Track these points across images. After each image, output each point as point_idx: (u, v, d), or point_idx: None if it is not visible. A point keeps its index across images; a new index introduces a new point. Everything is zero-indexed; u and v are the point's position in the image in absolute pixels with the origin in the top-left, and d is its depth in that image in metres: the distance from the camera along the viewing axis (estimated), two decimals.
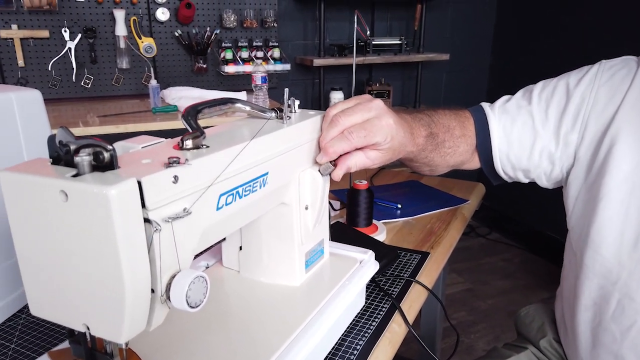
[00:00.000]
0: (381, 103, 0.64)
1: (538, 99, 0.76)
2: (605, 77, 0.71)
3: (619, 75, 0.70)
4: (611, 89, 0.70)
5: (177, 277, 0.40)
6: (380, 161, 0.65)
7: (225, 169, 0.45)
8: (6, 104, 0.67)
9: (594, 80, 0.71)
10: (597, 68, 0.73)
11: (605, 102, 0.69)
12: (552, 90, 0.75)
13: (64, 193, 0.36)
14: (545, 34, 2.82)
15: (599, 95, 0.70)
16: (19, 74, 2.08)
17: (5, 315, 0.67)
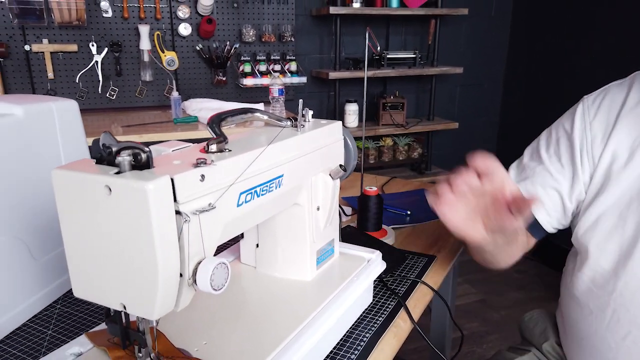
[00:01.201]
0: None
1: (548, 155, 0.81)
2: (592, 112, 0.77)
3: (605, 105, 0.76)
4: (602, 120, 0.75)
5: (203, 263, 0.45)
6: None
7: (246, 170, 0.51)
8: (48, 113, 0.74)
9: (584, 118, 0.77)
10: (582, 107, 0.78)
11: (602, 134, 0.75)
12: (556, 142, 0.81)
13: (108, 187, 0.42)
14: (559, 47, 2.85)
15: (595, 130, 0.76)
16: (49, 85, 2.19)
17: (42, 305, 0.74)
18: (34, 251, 0.72)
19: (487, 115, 3.26)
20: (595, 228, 0.74)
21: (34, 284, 0.73)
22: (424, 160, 2.90)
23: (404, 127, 2.68)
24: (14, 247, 0.69)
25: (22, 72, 2.14)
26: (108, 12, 2.16)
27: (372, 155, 2.79)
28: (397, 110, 2.69)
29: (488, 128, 3.31)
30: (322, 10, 2.45)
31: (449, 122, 2.83)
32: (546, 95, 2.96)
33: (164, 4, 2.25)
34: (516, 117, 3.18)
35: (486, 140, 3.34)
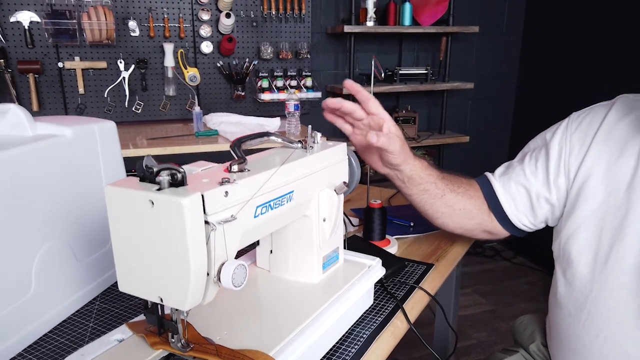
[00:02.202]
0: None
1: (529, 157, 0.91)
2: (574, 126, 0.85)
3: (586, 121, 0.84)
4: (582, 134, 0.84)
5: (226, 264, 0.55)
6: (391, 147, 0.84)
7: (262, 187, 0.61)
8: (91, 133, 0.85)
9: (566, 130, 0.86)
10: (567, 121, 0.87)
11: (579, 146, 0.84)
12: (539, 148, 0.91)
13: (151, 201, 0.52)
14: (570, 63, 2.91)
15: (573, 142, 0.84)
16: (79, 100, 2.33)
17: (84, 301, 0.84)
18: (78, 254, 0.83)
19: (499, 129, 3.32)
20: (576, 236, 0.82)
21: (77, 282, 0.83)
22: None
23: (415, 141, 2.76)
24: (62, 250, 0.80)
25: (55, 87, 2.29)
26: (135, 31, 2.30)
27: None
28: (408, 124, 2.78)
29: (499, 142, 3.37)
30: (337, 29, 2.56)
31: (460, 136, 2.91)
32: (557, 110, 3.02)
33: (188, 23, 2.39)
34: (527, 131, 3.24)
35: (497, 153, 3.41)
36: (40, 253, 0.75)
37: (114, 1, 2.25)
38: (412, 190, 0.92)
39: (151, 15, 2.31)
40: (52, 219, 0.78)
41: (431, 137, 2.84)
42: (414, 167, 0.89)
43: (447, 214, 0.94)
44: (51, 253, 0.77)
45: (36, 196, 0.75)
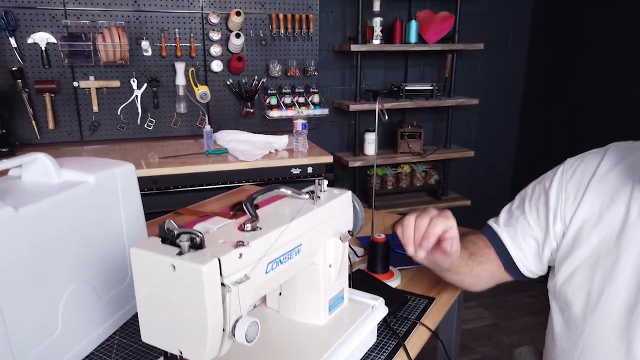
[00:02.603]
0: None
1: (529, 206, 0.95)
2: (569, 174, 0.90)
3: (580, 169, 0.89)
4: (576, 182, 0.89)
5: (240, 321, 0.60)
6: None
7: (272, 245, 0.66)
8: (112, 177, 0.91)
9: (561, 179, 0.91)
10: (562, 168, 0.92)
11: (574, 195, 0.89)
12: (538, 196, 0.95)
13: (172, 266, 0.58)
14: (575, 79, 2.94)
15: (569, 191, 0.89)
16: (93, 117, 2.40)
17: (104, 336, 0.90)
18: (99, 291, 0.89)
19: (504, 144, 3.36)
20: (571, 279, 0.87)
21: (99, 318, 0.89)
22: (440, 186, 3.02)
23: (421, 156, 2.81)
24: (85, 290, 0.86)
25: (71, 106, 2.35)
26: (148, 51, 2.36)
27: (390, 182, 2.92)
28: (414, 139, 2.82)
29: (504, 156, 3.41)
30: (344, 47, 2.61)
31: (465, 150, 2.94)
32: (562, 125, 3.05)
33: (199, 43, 2.45)
34: (532, 146, 3.28)
35: (502, 167, 3.44)
36: (66, 295, 0.81)
37: (127, 22, 2.32)
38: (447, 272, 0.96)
39: (163, 35, 2.38)
40: (77, 262, 0.84)
41: (437, 152, 2.88)
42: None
43: (474, 283, 0.99)
44: (75, 294, 0.83)
45: (63, 243, 0.80)
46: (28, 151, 2.26)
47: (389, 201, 2.91)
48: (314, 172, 2.23)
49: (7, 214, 0.70)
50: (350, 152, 2.86)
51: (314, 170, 2.23)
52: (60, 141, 2.38)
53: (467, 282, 0.99)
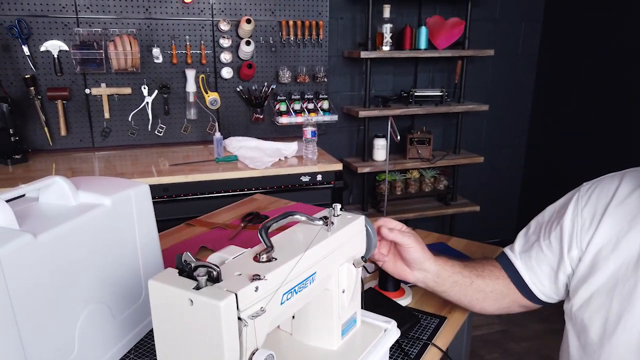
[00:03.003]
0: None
1: (543, 232, 0.96)
2: (584, 200, 0.90)
3: (595, 194, 0.89)
4: (592, 208, 0.89)
5: (256, 355, 0.61)
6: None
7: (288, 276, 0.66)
8: (127, 199, 0.92)
9: (577, 205, 0.91)
10: (578, 194, 0.92)
11: (590, 220, 0.89)
12: (552, 223, 0.95)
13: (190, 300, 0.58)
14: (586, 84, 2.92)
15: (584, 216, 0.89)
16: (104, 124, 2.42)
17: (119, 355, 0.91)
18: (114, 311, 0.90)
19: (513, 150, 3.35)
20: (588, 304, 0.87)
21: (114, 338, 0.90)
22: (449, 192, 3.02)
23: (430, 161, 2.80)
24: (100, 311, 0.87)
25: (82, 113, 2.38)
26: (159, 58, 2.38)
27: (399, 187, 2.92)
28: (423, 145, 2.82)
29: (514, 162, 3.39)
30: (354, 54, 2.61)
31: (474, 156, 2.94)
32: (572, 130, 3.03)
33: (209, 50, 2.46)
34: (542, 152, 3.26)
35: (511, 173, 3.43)
36: (83, 316, 0.82)
37: (138, 30, 2.33)
38: (445, 285, 0.98)
39: (174, 42, 2.39)
40: (93, 284, 0.85)
41: (446, 158, 2.88)
42: (437, 261, 0.97)
43: (481, 299, 0.99)
44: (92, 315, 0.84)
45: (80, 266, 0.81)
46: (41, 158, 2.31)
47: (398, 206, 2.91)
48: (323, 180, 2.24)
49: (27, 242, 0.71)
50: (359, 158, 2.87)
51: (323, 177, 2.24)
52: (72, 147, 2.41)
53: (469, 297, 0.99)
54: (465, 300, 1.01)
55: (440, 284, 0.98)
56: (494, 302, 1.01)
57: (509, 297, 1.00)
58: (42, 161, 2.26)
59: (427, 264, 0.96)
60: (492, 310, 1.02)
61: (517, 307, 1.02)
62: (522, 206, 3.49)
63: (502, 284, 0.99)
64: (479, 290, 0.99)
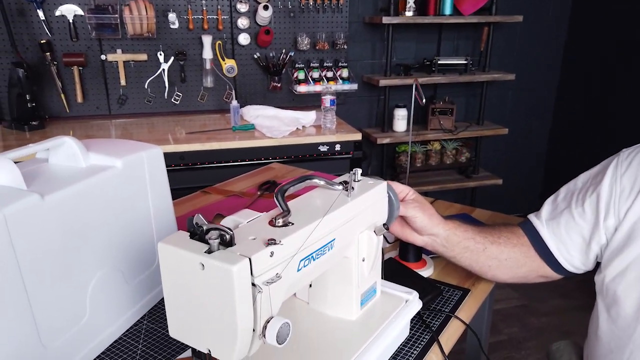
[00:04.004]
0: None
1: (576, 199, 0.89)
2: (624, 166, 0.83)
3: (636, 161, 0.82)
4: (632, 175, 0.82)
5: (271, 322, 0.58)
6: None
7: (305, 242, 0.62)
8: (140, 161, 0.89)
9: (616, 171, 0.84)
10: (617, 160, 0.85)
11: (630, 187, 0.82)
12: (586, 189, 0.88)
13: (202, 264, 0.55)
14: (618, 54, 2.78)
15: (624, 183, 0.83)
16: (121, 91, 2.39)
17: (132, 321, 0.89)
18: (127, 276, 0.88)
19: (539, 121, 3.23)
20: (623, 275, 0.82)
21: (127, 303, 0.88)
22: (471, 164, 2.94)
23: (452, 133, 2.72)
24: (113, 276, 0.85)
25: (98, 79, 2.35)
26: (175, 24, 2.32)
27: (420, 159, 2.86)
28: (446, 115, 2.73)
29: (539, 134, 3.28)
30: (375, 19, 2.51)
31: (498, 127, 2.84)
32: (602, 102, 2.91)
33: (226, 15, 2.39)
34: (569, 124, 3.14)
35: (536, 146, 3.32)
36: (94, 281, 0.80)
37: None
38: (455, 250, 0.93)
39: (190, 7, 2.33)
40: (105, 248, 0.82)
41: (469, 129, 2.79)
42: (447, 226, 0.92)
43: (494, 267, 0.94)
44: (103, 279, 0.82)
45: (90, 229, 0.79)
46: (58, 124, 2.29)
47: (417, 179, 2.85)
48: (342, 150, 2.19)
49: (34, 202, 0.68)
50: (378, 129, 2.80)
51: (342, 147, 2.18)
52: (89, 114, 2.39)
53: (481, 264, 0.94)
54: (476, 267, 0.96)
55: (450, 249, 0.94)
56: (508, 271, 0.95)
57: (527, 266, 0.94)
58: (59, 128, 2.25)
59: (435, 229, 0.91)
60: (505, 279, 0.97)
61: (534, 277, 0.97)
62: (546, 181, 3.39)
63: (520, 252, 0.94)
64: (492, 258, 0.94)
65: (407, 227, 0.93)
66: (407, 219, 0.90)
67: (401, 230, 0.95)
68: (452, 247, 0.93)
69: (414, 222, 0.90)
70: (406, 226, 0.93)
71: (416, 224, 0.90)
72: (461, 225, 0.93)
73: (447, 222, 0.92)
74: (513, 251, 0.93)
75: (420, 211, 0.89)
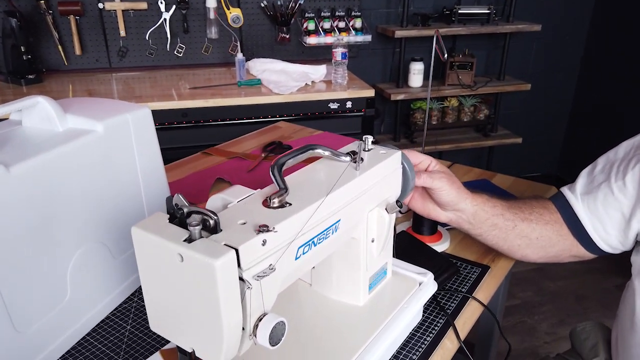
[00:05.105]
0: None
1: (617, 171, 0.78)
2: None
3: None
4: None
5: (263, 321, 0.50)
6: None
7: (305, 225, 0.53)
8: (124, 124, 0.79)
9: None
10: None
11: None
12: (629, 160, 0.77)
13: (180, 255, 0.46)
14: None
15: None
16: (121, 42, 2.26)
17: (121, 298, 0.83)
18: (114, 251, 0.80)
19: (564, 77, 3.04)
20: None
21: (115, 280, 0.81)
22: (490, 122, 2.80)
23: (471, 89, 2.57)
24: (98, 250, 0.77)
25: (97, 30, 2.22)
26: None
27: (435, 117, 2.72)
28: (465, 70, 2.57)
29: (564, 90, 3.10)
30: None
31: (520, 83, 2.68)
32: (633, 60, 2.70)
33: None
34: (596, 81, 2.95)
35: (560, 103, 3.15)
36: (75, 257, 0.73)
37: None
38: (482, 228, 0.84)
39: None
40: (87, 221, 0.74)
41: (489, 84, 2.63)
42: (475, 201, 0.81)
43: (524, 246, 0.84)
44: (86, 255, 0.74)
45: (69, 200, 0.70)
46: (56, 78, 2.19)
47: (433, 137, 2.72)
48: (353, 107, 2.06)
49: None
50: (393, 84, 2.65)
51: (353, 105, 2.06)
52: (89, 68, 2.28)
53: (509, 242, 0.85)
54: (504, 246, 0.87)
55: (477, 226, 0.84)
56: (539, 250, 0.86)
57: (559, 245, 0.85)
58: (57, 82, 2.15)
59: (462, 204, 0.81)
60: (535, 259, 0.88)
61: (566, 257, 0.87)
62: (568, 140, 3.23)
63: (553, 229, 0.84)
64: (523, 236, 0.84)
65: (429, 201, 0.82)
66: (433, 191, 0.79)
67: (422, 205, 0.84)
68: (479, 224, 0.83)
69: (439, 196, 0.79)
70: (428, 200, 0.82)
71: (442, 197, 0.79)
72: (490, 200, 0.83)
73: (474, 196, 0.82)
74: (545, 229, 0.83)
75: (447, 183, 0.78)
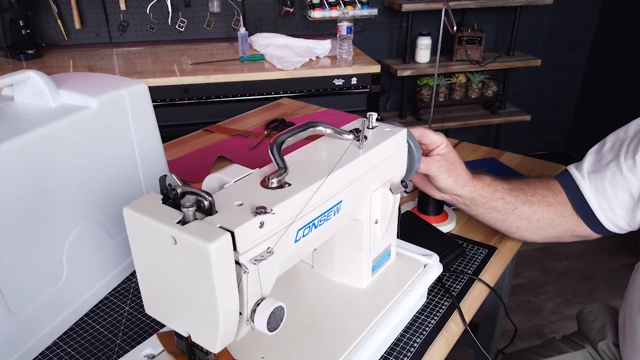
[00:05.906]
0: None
1: (626, 150, 0.75)
2: None
3: None
4: None
5: (261, 306, 0.48)
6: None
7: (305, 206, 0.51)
8: (120, 100, 0.76)
9: None
10: None
11: None
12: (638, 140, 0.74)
13: (173, 238, 0.44)
14: None
15: None
16: (121, 16, 2.22)
17: (120, 278, 0.81)
18: (111, 231, 0.78)
19: (576, 52, 2.96)
20: None
21: (112, 260, 0.80)
22: (498, 99, 2.75)
23: (479, 64, 2.51)
24: (95, 230, 0.75)
25: (97, 3, 2.18)
26: None
27: (442, 93, 2.67)
28: (473, 45, 2.51)
29: (575, 66, 3.02)
30: None
31: (530, 58, 2.61)
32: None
33: None
34: (607, 58, 2.87)
35: (570, 80, 3.08)
36: (71, 237, 0.71)
37: None
38: (478, 210, 0.82)
39: None
40: (82, 200, 0.72)
41: (497, 60, 2.57)
42: (474, 187, 0.79)
43: (523, 228, 0.82)
44: (83, 235, 0.73)
45: (62, 178, 0.68)
46: (56, 53, 2.15)
47: (439, 114, 2.67)
48: (359, 84, 2.02)
49: None
50: (399, 60, 2.59)
51: (359, 81, 2.01)
52: (89, 42, 2.24)
53: (508, 224, 0.83)
54: (502, 227, 0.85)
55: (473, 208, 0.82)
56: (539, 232, 0.84)
57: (562, 225, 0.83)
58: (57, 57, 2.11)
59: (459, 191, 0.80)
60: (534, 239, 0.86)
61: (568, 237, 0.85)
62: (577, 117, 3.17)
63: (555, 211, 0.81)
64: (523, 218, 0.82)
65: (427, 181, 0.81)
66: (433, 178, 0.78)
67: (421, 182, 0.83)
68: (475, 207, 0.82)
69: (436, 181, 0.78)
70: (427, 180, 0.81)
71: (439, 183, 0.78)
72: (491, 184, 0.80)
73: (474, 181, 0.79)
74: (547, 211, 0.81)
75: (445, 171, 0.76)
